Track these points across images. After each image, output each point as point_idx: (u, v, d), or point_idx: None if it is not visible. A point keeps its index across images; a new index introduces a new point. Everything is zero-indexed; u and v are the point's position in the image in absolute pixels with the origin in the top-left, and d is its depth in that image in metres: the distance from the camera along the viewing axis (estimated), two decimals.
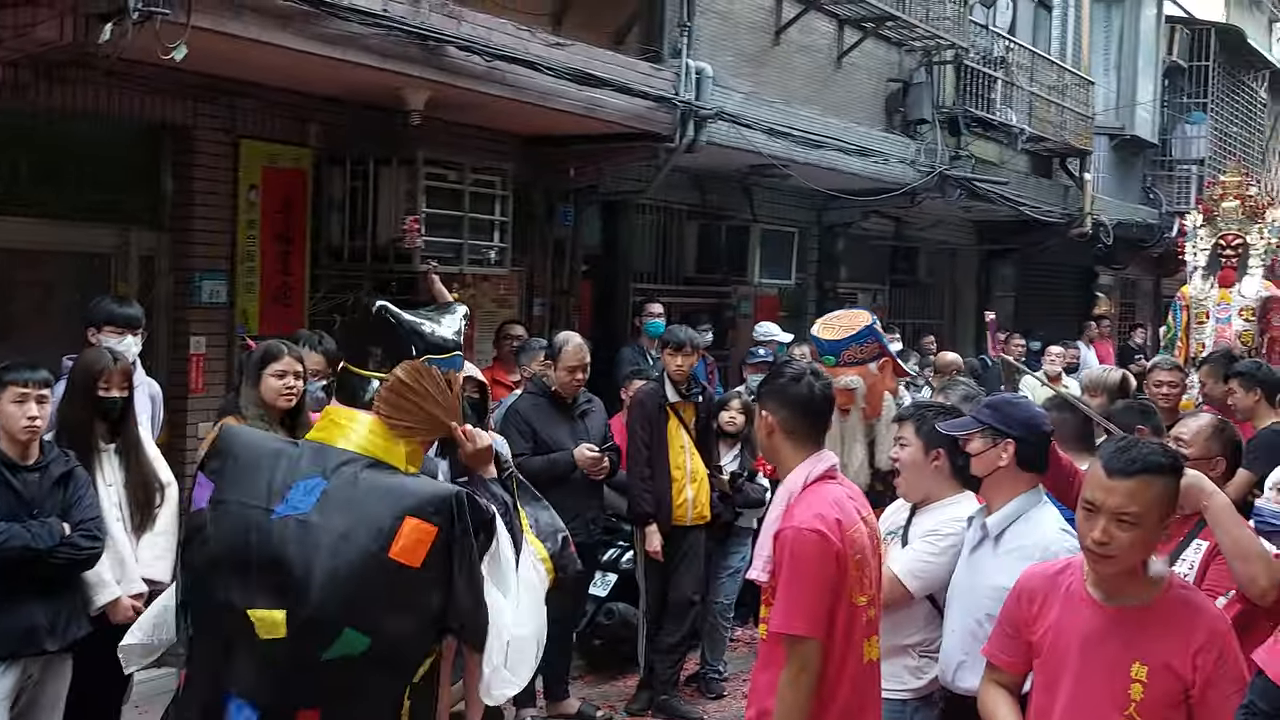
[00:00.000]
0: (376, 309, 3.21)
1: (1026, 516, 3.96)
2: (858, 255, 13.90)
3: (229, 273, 7.17)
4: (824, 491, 3.57)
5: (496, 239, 8.11)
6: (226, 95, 7.07)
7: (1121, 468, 3.08)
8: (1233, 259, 9.42)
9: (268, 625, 2.90)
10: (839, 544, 3.44)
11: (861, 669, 3.55)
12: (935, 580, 4.16)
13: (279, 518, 2.95)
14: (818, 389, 3.67)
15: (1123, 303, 20.50)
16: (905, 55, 12.50)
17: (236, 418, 5.03)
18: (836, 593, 3.45)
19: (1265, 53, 22.24)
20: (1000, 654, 3.40)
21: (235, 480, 3.07)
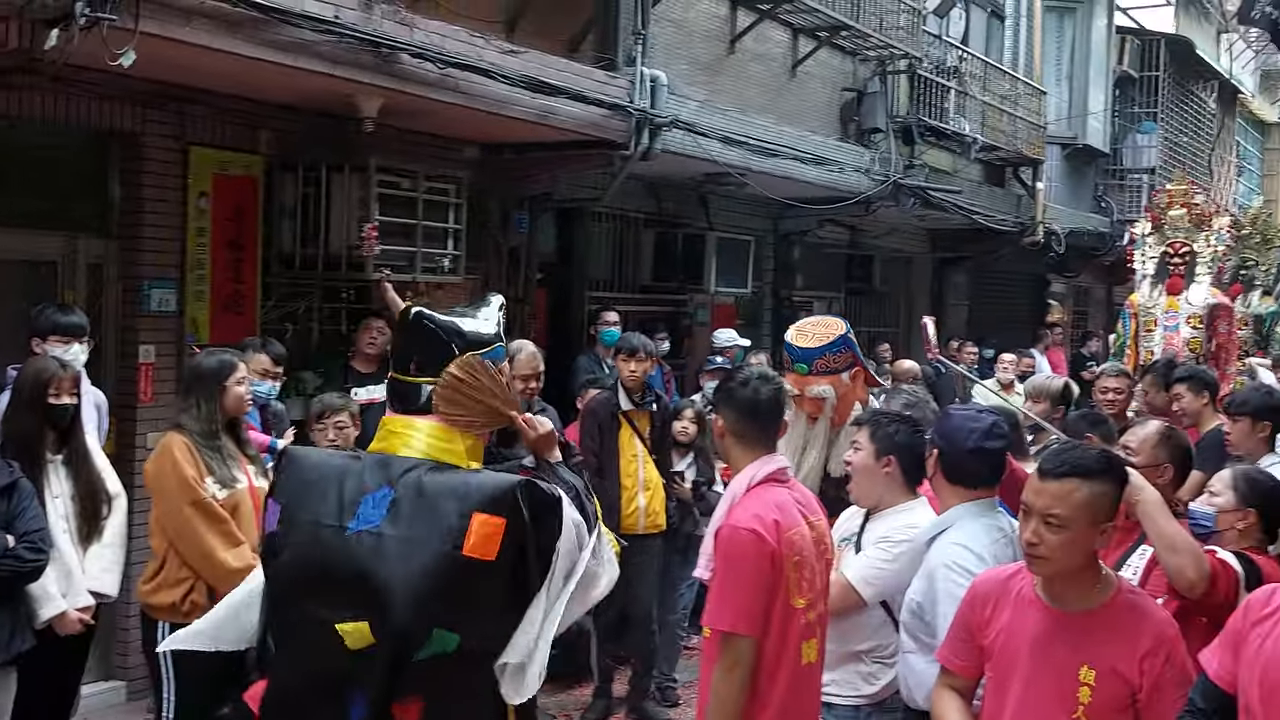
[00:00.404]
0: (413, 315, 3.28)
1: (948, 526, 3.95)
2: (813, 263, 13.95)
3: (178, 281, 7.09)
4: (767, 493, 3.62)
5: (450, 247, 8.07)
6: (176, 102, 7.00)
7: (1051, 470, 3.14)
8: (1180, 266, 9.53)
9: (356, 637, 3.01)
10: (775, 544, 3.48)
11: (799, 670, 3.58)
12: (888, 587, 4.16)
13: (353, 533, 3.05)
14: (764, 393, 3.73)
15: (1075, 310, 20.67)
16: (859, 64, 12.57)
17: (178, 431, 4.99)
18: (771, 592, 3.48)
19: (1214, 63, 22.52)
20: (953, 658, 3.43)
21: (304, 500, 3.16)
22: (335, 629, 3.04)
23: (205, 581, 4.97)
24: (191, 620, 4.88)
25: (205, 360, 5.20)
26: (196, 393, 5.08)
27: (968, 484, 3.92)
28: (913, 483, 4.28)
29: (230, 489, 5.01)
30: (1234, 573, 3.67)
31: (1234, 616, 2.99)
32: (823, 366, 5.17)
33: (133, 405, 6.93)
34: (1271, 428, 5.70)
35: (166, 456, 4.94)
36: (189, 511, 4.90)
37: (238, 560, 4.99)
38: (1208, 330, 9.36)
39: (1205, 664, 2.98)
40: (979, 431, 3.92)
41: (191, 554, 4.94)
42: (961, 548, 3.77)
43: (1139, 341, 9.59)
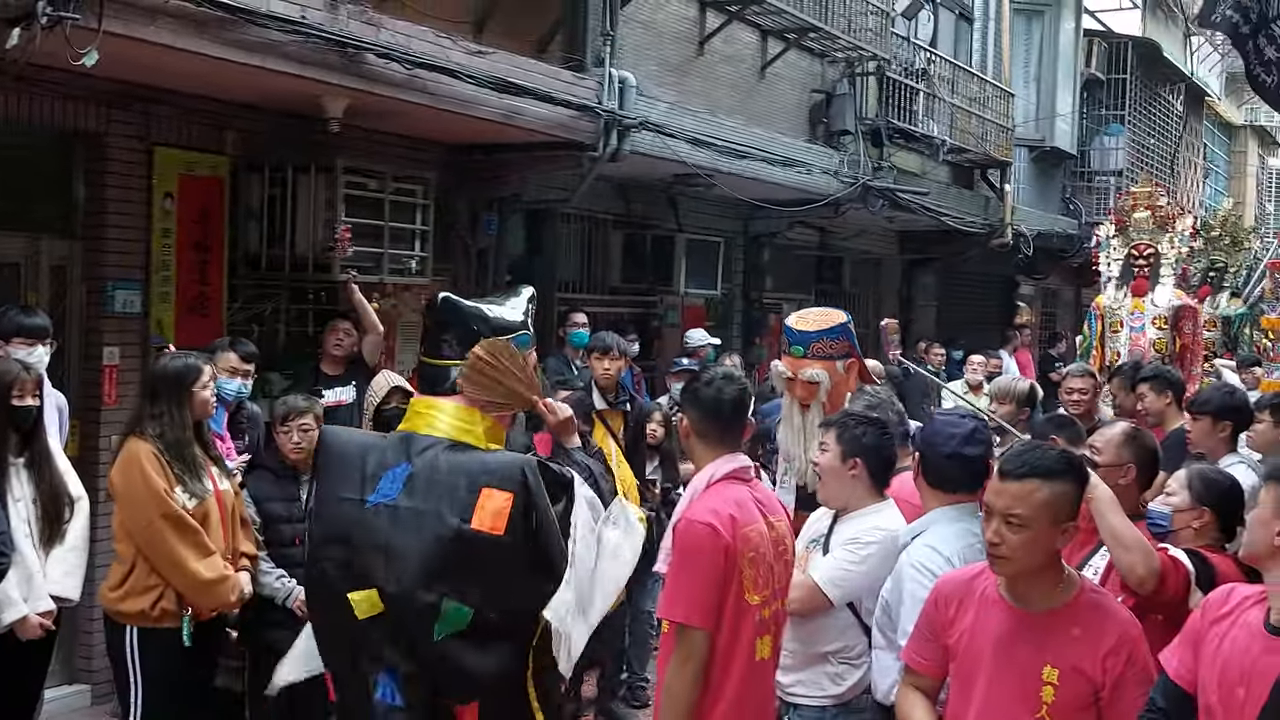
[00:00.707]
0: (441, 301, 3.47)
1: (917, 528, 3.99)
2: (783, 265, 13.97)
3: (143, 282, 7.04)
4: (727, 490, 3.66)
5: (418, 248, 8.05)
6: (141, 102, 6.95)
7: (1011, 470, 3.17)
8: (1145, 268, 9.59)
9: (365, 606, 3.20)
10: (729, 539, 3.51)
11: (752, 666, 3.61)
12: (855, 589, 4.18)
13: (371, 506, 3.24)
14: (728, 394, 3.76)
15: (1044, 312, 20.79)
16: (828, 66, 12.61)
17: (139, 436, 4.95)
18: (725, 586, 3.51)
19: (1181, 66, 22.68)
20: (918, 657, 3.45)
21: (331, 477, 3.36)
22: (347, 598, 3.21)
23: (175, 590, 4.95)
24: (163, 625, 4.89)
25: (170, 364, 5.15)
26: (164, 399, 5.04)
27: (947, 488, 3.94)
28: (880, 484, 4.30)
29: (200, 499, 4.98)
30: (1184, 570, 3.70)
31: (1193, 616, 3.02)
32: (818, 351, 5.19)
33: (97, 408, 6.89)
34: (1232, 427, 5.74)
35: (135, 467, 4.90)
36: (160, 524, 4.88)
37: (210, 571, 4.97)
38: (1173, 331, 9.43)
39: (1165, 663, 3.01)
40: (958, 437, 3.96)
41: (163, 566, 4.92)
42: (931, 549, 3.80)
43: (1105, 343, 9.64)
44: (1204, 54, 25.80)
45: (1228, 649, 2.87)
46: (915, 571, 3.73)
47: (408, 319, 8.92)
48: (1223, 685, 2.83)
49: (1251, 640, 2.86)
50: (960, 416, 4.18)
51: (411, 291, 8.79)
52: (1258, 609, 2.91)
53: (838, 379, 5.16)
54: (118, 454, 5.06)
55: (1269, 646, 2.82)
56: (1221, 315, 12.84)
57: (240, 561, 5.21)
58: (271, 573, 5.47)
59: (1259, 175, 30.87)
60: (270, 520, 5.57)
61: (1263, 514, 2.91)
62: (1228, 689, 2.81)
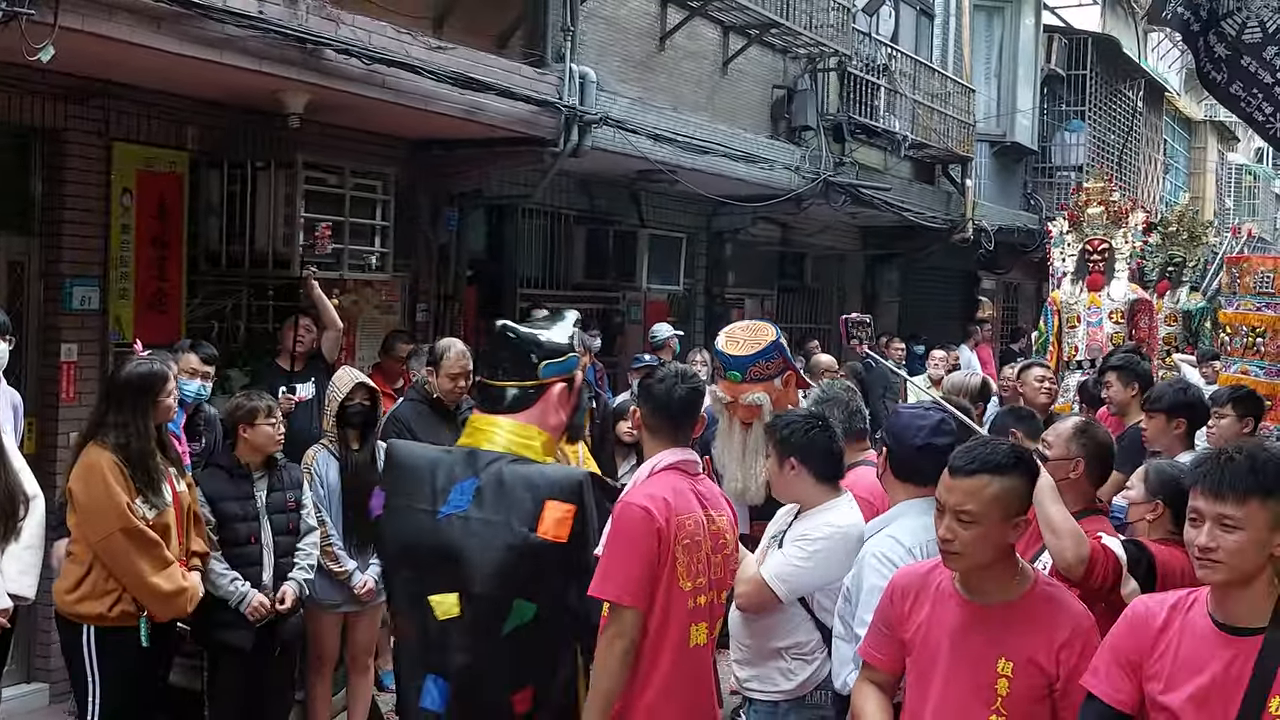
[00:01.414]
0: (499, 328, 3.73)
1: (883, 522, 4.02)
2: (746, 261, 14.01)
3: (101, 278, 6.99)
4: (665, 479, 3.75)
5: (378, 244, 8.03)
6: (99, 97, 6.91)
7: (960, 466, 3.21)
8: (1099, 263, 9.67)
9: (444, 607, 3.43)
10: (662, 523, 3.59)
11: (685, 652, 3.67)
12: (803, 585, 4.21)
13: (444, 517, 3.47)
14: (678, 392, 3.85)
15: (1005, 307, 20.92)
16: (790, 62, 12.64)
17: (100, 444, 4.93)
18: (656, 569, 3.59)
19: (1140, 62, 22.86)
20: (874, 652, 3.46)
21: (401, 487, 3.59)
22: (427, 600, 3.45)
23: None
24: (122, 625, 4.87)
25: (135, 370, 5.08)
26: (128, 408, 4.99)
27: (916, 481, 3.95)
28: (826, 478, 4.33)
29: (159, 510, 4.96)
30: (1114, 559, 3.73)
31: (1118, 636, 2.99)
32: (756, 374, 5.18)
33: (54, 405, 6.84)
34: (1187, 424, 5.77)
35: (96, 477, 4.86)
36: (120, 538, 4.85)
37: (169, 583, 4.96)
38: (1129, 325, 9.51)
39: (1094, 689, 2.96)
40: (926, 429, 3.98)
41: (122, 576, 4.91)
42: (893, 540, 3.83)
43: (1062, 338, 9.72)
44: (1163, 50, 26.00)
45: (1185, 654, 2.86)
46: (876, 561, 3.76)
47: (368, 315, 8.91)
48: (1195, 698, 2.82)
49: (1203, 640, 2.86)
50: (925, 409, 4.21)
51: (372, 287, 8.78)
52: (1196, 609, 2.91)
53: (777, 395, 5.18)
54: (75, 458, 5.02)
55: (1220, 641, 2.83)
56: (1182, 310, 12.93)
57: (192, 561, 5.19)
58: (225, 575, 5.45)
59: (1219, 170, 31.11)
60: (225, 520, 5.54)
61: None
62: (1199, 701, 2.81)
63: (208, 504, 5.49)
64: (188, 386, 6.06)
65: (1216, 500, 2.82)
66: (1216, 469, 2.85)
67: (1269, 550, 2.81)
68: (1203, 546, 2.82)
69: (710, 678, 3.80)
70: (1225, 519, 2.80)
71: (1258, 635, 2.80)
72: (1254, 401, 6.10)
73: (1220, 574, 2.81)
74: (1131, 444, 6.02)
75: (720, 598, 3.81)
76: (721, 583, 3.80)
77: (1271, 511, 2.80)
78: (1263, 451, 2.89)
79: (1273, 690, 2.75)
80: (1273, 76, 6.14)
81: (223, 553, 5.49)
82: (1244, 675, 2.78)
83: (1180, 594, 3.00)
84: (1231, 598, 2.84)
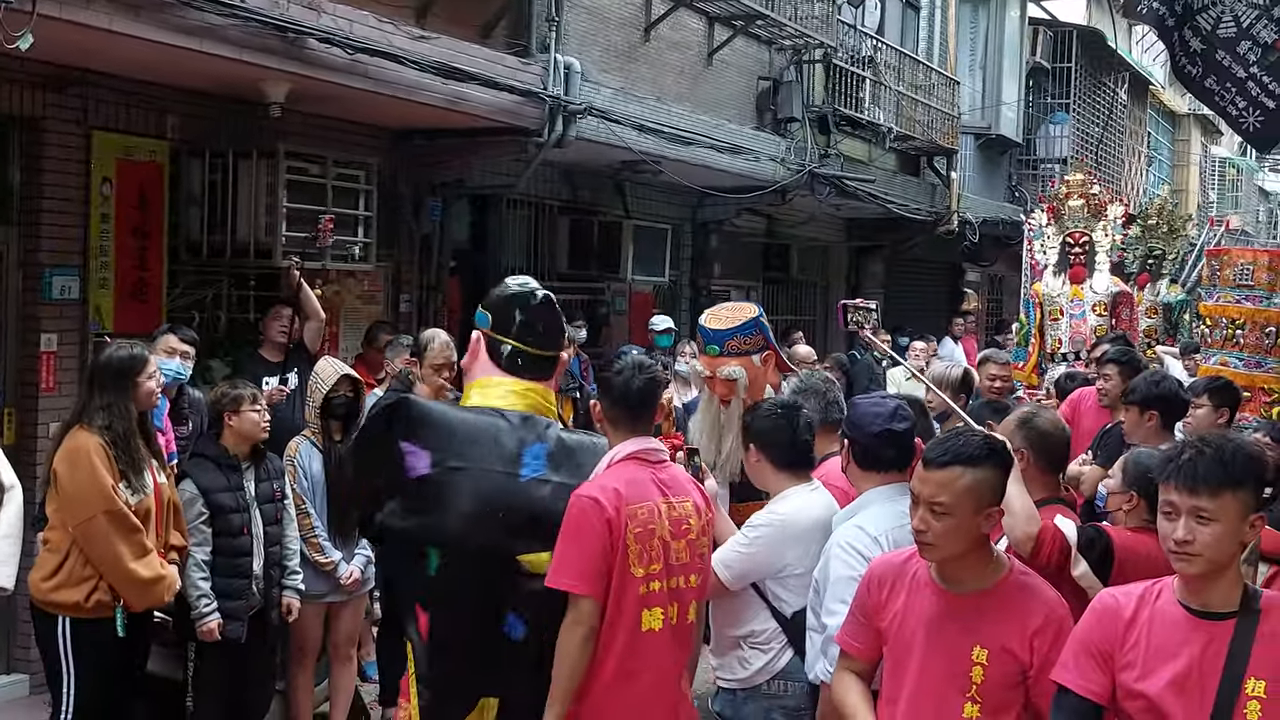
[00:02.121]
0: (546, 298, 3.89)
1: (850, 511, 4.04)
2: (731, 252, 14.01)
3: (81, 268, 6.96)
4: (623, 470, 3.77)
5: (361, 234, 8.01)
6: (79, 85, 6.87)
7: (934, 459, 3.24)
8: (1081, 256, 9.67)
9: (537, 565, 3.61)
10: (612, 512, 3.63)
11: (637, 637, 3.70)
12: (745, 571, 4.26)
13: (525, 480, 3.64)
14: (635, 383, 3.86)
15: (990, 299, 20.96)
16: (775, 54, 12.63)
17: (86, 427, 4.91)
18: (608, 557, 3.63)
19: (1125, 55, 22.89)
20: (852, 641, 3.48)
21: (463, 449, 3.64)
22: (517, 559, 3.61)
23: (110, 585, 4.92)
24: (98, 616, 4.85)
25: (115, 354, 5.09)
26: (109, 390, 4.99)
27: (879, 468, 4.00)
28: (786, 466, 4.36)
29: (141, 495, 4.95)
30: (1062, 539, 3.78)
31: (1087, 629, 3.03)
32: (734, 348, 5.20)
33: (34, 395, 6.80)
34: (1159, 415, 5.78)
35: (83, 460, 4.85)
36: (103, 520, 4.84)
37: (147, 570, 4.95)
38: (1111, 317, 9.52)
39: (1067, 683, 3.00)
40: (884, 415, 4.02)
41: (100, 562, 4.89)
42: (858, 529, 3.86)
43: (1045, 330, 9.72)
44: (1148, 43, 26.00)
45: (1158, 642, 2.90)
46: (841, 551, 3.79)
47: (351, 305, 8.89)
48: (1174, 683, 2.85)
49: (1175, 626, 2.91)
50: (881, 397, 4.27)
51: (355, 278, 8.76)
52: (1164, 597, 2.96)
53: (755, 373, 5.19)
54: (59, 442, 5.01)
55: (1194, 626, 2.88)
56: (1163, 302, 12.95)
57: (170, 554, 5.18)
58: (198, 588, 5.42)
59: (1202, 163, 31.20)
60: (218, 511, 5.52)
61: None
62: (1178, 688, 2.84)
63: (201, 497, 5.48)
64: (167, 365, 6.04)
65: (1191, 494, 2.87)
66: (1188, 463, 2.89)
67: (1241, 538, 2.89)
68: (1179, 540, 2.87)
69: (669, 662, 3.80)
70: (1200, 512, 2.86)
71: (1230, 619, 2.88)
72: (1230, 392, 6.12)
73: (1197, 566, 2.87)
74: (1117, 437, 6.05)
75: (686, 582, 3.83)
76: (687, 568, 3.82)
77: (1243, 502, 2.87)
78: (1229, 443, 2.95)
79: (1248, 671, 2.81)
80: (1246, 71, 6.17)
81: (215, 544, 5.48)
82: (1219, 658, 2.84)
83: (1145, 585, 3.05)
84: (1204, 585, 2.90)
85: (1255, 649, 2.83)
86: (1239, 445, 2.95)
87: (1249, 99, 6.23)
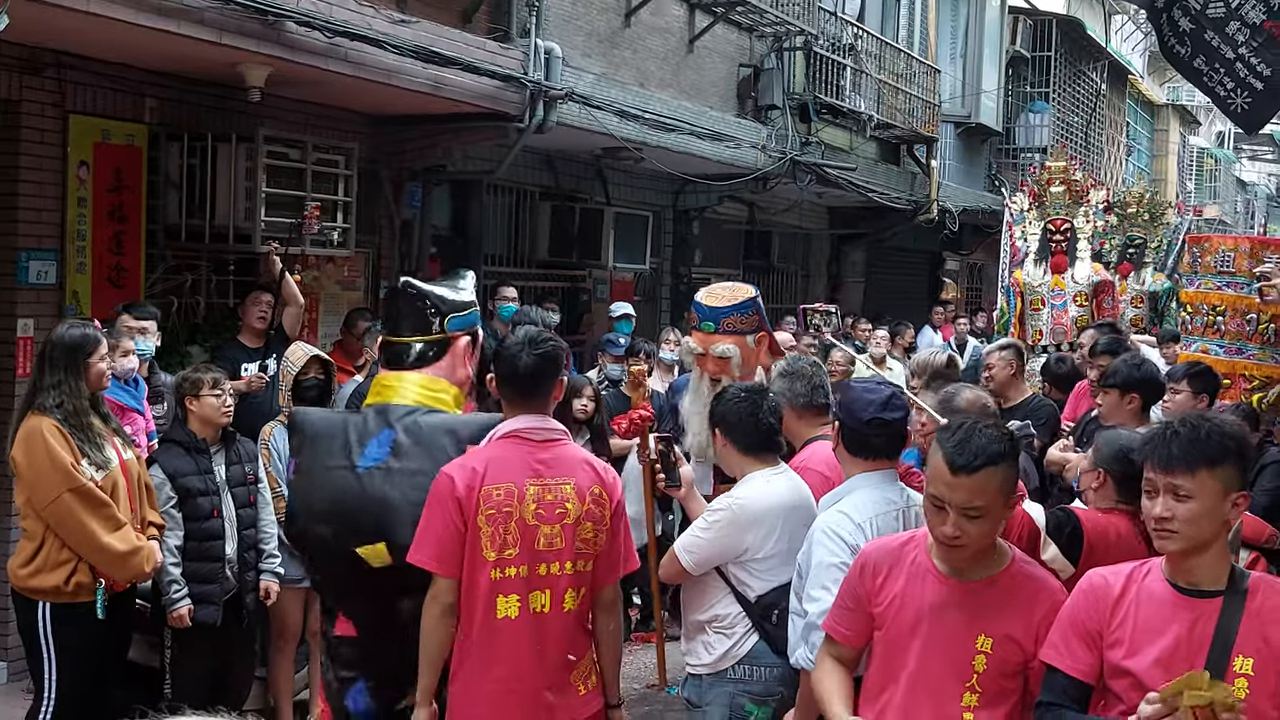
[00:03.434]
0: (401, 284, 3.90)
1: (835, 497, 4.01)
2: (712, 240, 14.00)
3: (58, 252, 6.90)
4: (492, 447, 3.73)
5: (340, 219, 7.96)
6: (55, 68, 6.81)
7: (965, 464, 3.08)
8: (1062, 244, 9.61)
9: (375, 556, 3.61)
10: (463, 491, 3.60)
11: (491, 624, 3.66)
12: (705, 556, 4.26)
13: (363, 470, 3.65)
14: (523, 360, 3.78)
15: (969, 288, 21.01)
16: (756, 41, 12.61)
17: (39, 412, 4.86)
18: (460, 537, 3.61)
19: (1104, 44, 22.97)
20: (839, 627, 3.42)
21: (314, 451, 3.73)
22: (355, 552, 3.61)
23: (89, 564, 4.88)
24: (78, 600, 4.82)
25: (67, 332, 5.05)
26: (59, 368, 4.95)
27: (867, 455, 3.96)
28: (749, 451, 4.35)
29: (105, 469, 4.91)
30: (1030, 524, 3.79)
31: (1075, 609, 3.03)
32: (728, 326, 5.21)
33: (10, 381, 6.74)
34: (1141, 399, 5.80)
35: (38, 442, 4.81)
36: (69, 499, 4.80)
37: (122, 543, 4.90)
38: (1092, 306, 9.51)
39: (1056, 663, 3.01)
40: (876, 403, 3.98)
41: (74, 541, 4.84)
42: (843, 515, 3.82)
43: (1026, 320, 9.69)
44: (1126, 33, 26.14)
45: (1145, 620, 2.91)
46: (824, 536, 3.75)
47: (331, 291, 8.84)
48: (1160, 662, 2.86)
49: (1162, 604, 2.92)
50: (876, 384, 4.22)
51: (334, 263, 8.71)
52: (1152, 576, 2.98)
53: (748, 353, 5.19)
54: (16, 431, 4.97)
55: (1181, 604, 2.90)
56: (1148, 291, 12.96)
57: (149, 531, 5.14)
58: (170, 573, 5.38)
59: (1180, 154, 31.34)
60: (187, 495, 5.49)
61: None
62: (1164, 663, 2.85)
63: (169, 482, 5.44)
64: (142, 344, 6.02)
65: (1167, 473, 2.90)
66: (1164, 443, 2.93)
67: (1222, 516, 2.90)
68: (1158, 517, 2.90)
69: (528, 653, 3.70)
70: (1177, 490, 2.88)
71: (1217, 597, 2.90)
72: (1209, 378, 6.14)
73: (1177, 543, 2.90)
74: (1099, 423, 6.06)
75: (561, 569, 3.73)
76: (561, 554, 3.72)
77: (1221, 480, 2.89)
78: (1205, 422, 2.97)
79: (1235, 649, 2.83)
80: (1234, 52, 6.17)
81: (186, 528, 5.44)
82: (1206, 636, 2.86)
83: (1133, 564, 3.06)
84: (1190, 563, 2.92)
85: (1242, 626, 2.84)
86: (1216, 424, 2.96)
87: (1237, 80, 6.23)
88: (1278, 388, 7.05)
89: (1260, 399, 7.05)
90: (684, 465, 4.67)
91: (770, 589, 4.22)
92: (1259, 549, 4.92)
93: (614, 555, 3.88)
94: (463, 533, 3.61)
